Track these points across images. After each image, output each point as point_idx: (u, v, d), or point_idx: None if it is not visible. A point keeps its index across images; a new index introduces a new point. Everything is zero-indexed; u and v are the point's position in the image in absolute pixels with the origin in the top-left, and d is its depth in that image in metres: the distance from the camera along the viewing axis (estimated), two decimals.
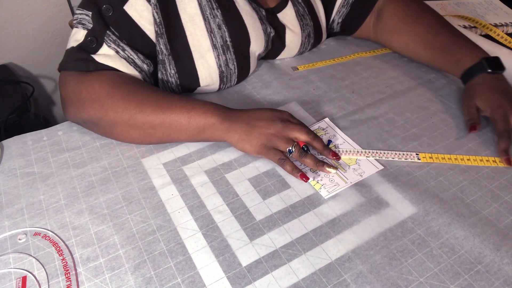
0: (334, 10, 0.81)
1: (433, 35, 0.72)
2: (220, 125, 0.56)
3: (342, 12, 0.81)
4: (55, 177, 0.56)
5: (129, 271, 0.45)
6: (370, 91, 0.72)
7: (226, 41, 0.66)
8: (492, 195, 0.54)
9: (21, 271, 0.46)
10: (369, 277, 0.45)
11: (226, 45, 0.66)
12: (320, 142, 0.57)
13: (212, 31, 0.64)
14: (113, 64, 0.58)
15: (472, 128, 0.62)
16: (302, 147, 0.56)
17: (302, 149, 0.56)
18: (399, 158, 0.58)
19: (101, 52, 0.58)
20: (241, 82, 0.73)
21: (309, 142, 0.57)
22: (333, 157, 0.57)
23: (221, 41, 0.65)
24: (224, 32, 0.65)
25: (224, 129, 0.56)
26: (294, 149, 0.55)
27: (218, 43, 0.65)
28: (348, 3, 0.80)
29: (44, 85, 1.31)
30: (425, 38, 0.72)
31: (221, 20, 0.65)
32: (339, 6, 0.81)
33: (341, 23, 0.83)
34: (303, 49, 0.80)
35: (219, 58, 0.66)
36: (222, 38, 0.65)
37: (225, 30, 0.65)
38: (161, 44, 0.62)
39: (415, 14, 0.75)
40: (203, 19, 0.64)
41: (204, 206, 0.52)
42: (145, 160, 0.58)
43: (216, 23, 0.64)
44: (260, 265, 0.46)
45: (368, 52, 0.82)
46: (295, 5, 0.75)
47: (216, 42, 0.65)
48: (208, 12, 0.64)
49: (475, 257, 0.46)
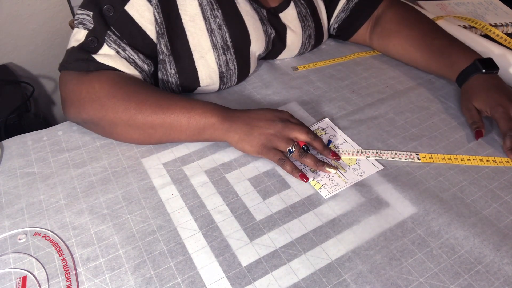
0: (334, 15, 0.82)
1: (429, 39, 0.72)
2: (220, 125, 0.56)
3: (341, 17, 0.81)
4: (55, 177, 0.56)
5: (129, 271, 0.45)
6: (370, 91, 0.72)
7: (227, 41, 0.66)
8: (492, 195, 0.54)
9: (21, 271, 0.46)
10: (369, 277, 0.45)
11: (227, 45, 0.66)
12: (320, 142, 0.57)
13: (212, 31, 0.64)
14: (113, 64, 0.58)
15: (478, 133, 0.61)
16: (302, 147, 0.56)
17: (302, 149, 0.56)
18: (399, 158, 0.58)
19: (101, 52, 0.58)
20: (241, 82, 0.74)
21: (309, 142, 0.57)
22: (333, 157, 0.57)
23: (222, 41, 0.65)
24: (224, 32, 0.65)
25: (224, 129, 0.56)
26: (294, 149, 0.55)
27: (218, 43, 0.65)
28: (348, 8, 0.80)
29: (44, 85, 1.31)
30: (421, 42, 0.73)
31: (221, 20, 0.65)
32: (339, 11, 0.81)
33: (337, 28, 0.83)
34: (303, 50, 0.80)
35: (219, 58, 0.66)
36: (223, 38, 0.65)
37: (226, 30, 0.65)
38: (162, 44, 0.62)
39: (413, 20, 0.77)
40: (203, 19, 0.64)
41: (204, 206, 0.52)
42: (145, 160, 0.59)
43: (217, 23, 0.64)
44: (260, 265, 0.46)
45: (368, 52, 0.82)
46: (298, 6, 0.75)
47: (216, 42, 0.65)
48: (208, 12, 0.64)
49: (475, 257, 0.46)
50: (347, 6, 0.80)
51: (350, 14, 0.80)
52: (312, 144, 0.57)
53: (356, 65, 0.79)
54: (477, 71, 0.65)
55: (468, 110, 0.64)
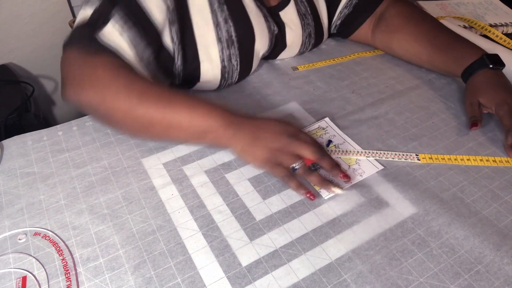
0: (337, 11, 0.81)
1: (434, 35, 0.72)
2: (224, 131, 0.53)
3: (344, 13, 0.81)
4: (55, 177, 0.56)
5: (129, 271, 0.45)
6: (370, 91, 0.72)
7: (232, 35, 0.66)
8: (492, 195, 0.54)
9: (21, 271, 0.46)
10: (369, 277, 0.45)
11: (231, 40, 0.66)
12: (329, 161, 0.53)
13: (218, 24, 0.64)
14: (115, 44, 0.56)
15: (474, 124, 0.62)
16: (309, 166, 0.53)
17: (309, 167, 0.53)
18: (399, 159, 0.58)
19: (106, 30, 0.56)
20: (241, 82, 0.73)
21: (317, 160, 0.53)
22: (343, 178, 0.54)
23: (227, 35, 0.65)
24: (230, 27, 0.65)
25: (228, 135, 0.53)
26: (299, 167, 0.52)
27: (223, 36, 0.65)
28: (351, 4, 0.80)
29: (44, 85, 1.31)
30: (427, 37, 0.73)
31: (227, 15, 0.65)
32: (342, 7, 0.80)
33: (339, 24, 0.82)
34: (303, 49, 0.80)
35: (223, 52, 0.66)
36: (228, 32, 0.65)
37: (231, 25, 0.65)
38: (173, 32, 0.61)
39: (418, 17, 0.77)
40: (210, 12, 0.64)
41: (204, 206, 0.52)
42: (145, 160, 0.58)
43: (223, 17, 0.64)
44: (260, 265, 0.46)
45: (368, 52, 0.82)
46: (297, 4, 0.75)
47: (221, 35, 0.65)
48: (216, 5, 0.64)
49: (475, 257, 0.46)
50: (350, 2, 0.80)
51: (353, 10, 0.80)
52: (320, 162, 0.53)
53: (356, 65, 0.79)
54: (483, 66, 0.64)
55: (471, 105, 0.64)
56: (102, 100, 0.54)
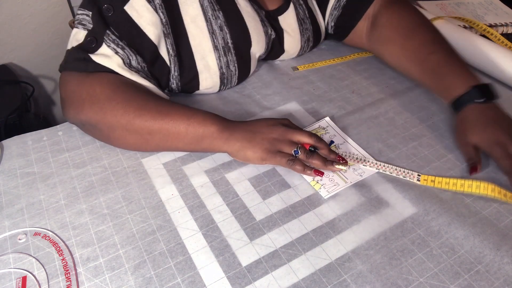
0: (327, 13, 0.79)
1: (425, 54, 0.66)
2: (220, 134, 0.55)
3: (334, 14, 0.78)
4: (55, 177, 0.56)
5: (129, 271, 0.45)
6: (370, 91, 0.72)
7: (228, 42, 0.65)
8: None
9: (21, 271, 0.46)
10: (369, 277, 0.45)
11: (228, 47, 0.66)
12: (325, 145, 0.56)
13: (214, 32, 0.64)
14: (110, 65, 0.57)
15: (473, 169, 0.56)
16: (309, 148, 0.55)
17: (308, 150, 0.55)
18: (397, 175, 0.56)
19: (100, 52, 0.58)
20: (241, 83, 0.73)
21: (314, 144, 0.56)
22: (340, 161, 0.56)
23: (223, 42, 0.65)
24: (226, 34, 0.65)
25: (224, 138, 0.55)
26: (300, 150, 0.54)
27: (219, 44, 0.65)
28: (339, 6, 0.77)
29: (44, 85, 1.31)
30: (417, 56, 0.67)
31: (223, 22, 0.65)
32: (331, 8, 0.78)
33: (334, 26, 0.80)
34: (302, 52, 0.80)
35: (220, 60, 0.66)
36: (224, 39, 0.65)
37: (227, 31, 0.65)
38: (168, 44, 0.62)
39: (410, 26, 0.70)
40: (205, 20, 0.64)
41: (204, 206, 0.52)
42: (145, 160, 0.58)
43: (218, 25, 0.64)
44: (260, 265, 0.46)
45: (368, 52, 0.82)
46: (296, 8, 0.74)
47: (217, 43, 0.65)
48: (210, 13, 0.64)
49: (475, 257, 0.46)
50: (338, 4, 0.77)
51: (342, 12, 0.77)
52: (317, 146, 0.56)
53: (356, 65, 0.79)
54: (473, 100, 0.59)
55: (465, 146, 0.58)
56: (102, 118, 0.56)
